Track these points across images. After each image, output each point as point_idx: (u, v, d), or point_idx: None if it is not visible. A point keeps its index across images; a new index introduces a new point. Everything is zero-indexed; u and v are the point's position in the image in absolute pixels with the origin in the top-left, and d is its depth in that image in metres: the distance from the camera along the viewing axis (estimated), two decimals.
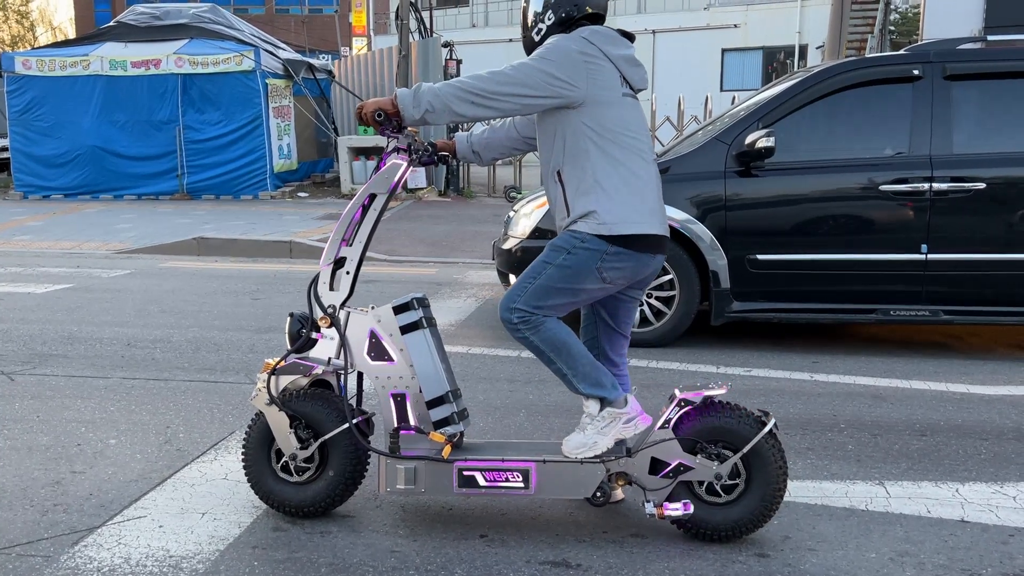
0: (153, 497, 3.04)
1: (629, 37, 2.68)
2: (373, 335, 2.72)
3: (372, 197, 2.72)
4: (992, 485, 3.16)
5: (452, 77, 14.29)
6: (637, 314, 5.13)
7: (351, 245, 2.74)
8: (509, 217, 5.73)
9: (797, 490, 3.09)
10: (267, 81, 13.57)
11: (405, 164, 2.71)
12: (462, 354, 5.00)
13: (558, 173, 2.63)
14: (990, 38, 5.21)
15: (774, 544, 2.69)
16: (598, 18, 2.68)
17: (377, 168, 2.73)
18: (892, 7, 19.78)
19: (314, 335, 2.76)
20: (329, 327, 2.74)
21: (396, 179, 2.71)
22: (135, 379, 4.50)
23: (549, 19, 2.66)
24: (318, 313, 2.75)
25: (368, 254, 2.86)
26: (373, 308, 2.75)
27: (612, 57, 2.59)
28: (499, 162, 16.14)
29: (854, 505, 2.98)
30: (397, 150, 2.70)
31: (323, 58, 20.62)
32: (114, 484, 3.15)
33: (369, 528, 2.80)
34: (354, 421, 2.71)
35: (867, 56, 5.45)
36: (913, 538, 2.74)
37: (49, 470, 3.28)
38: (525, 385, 4.37)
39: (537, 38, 2.70)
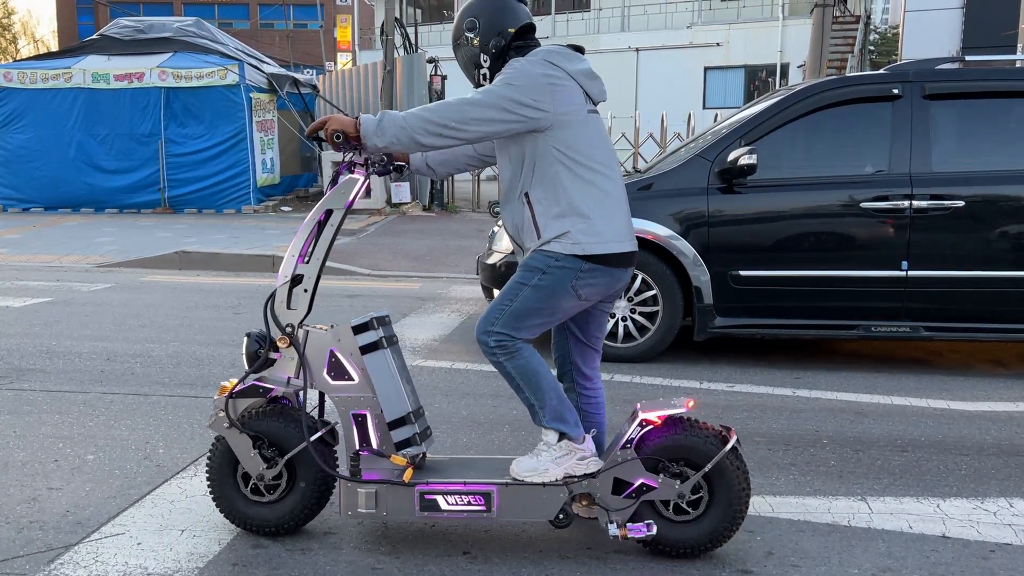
0: (132, 514, 3.00)
1: (580, 51, 2.70)
2: (333, 354, 2.68)
3: (329, 213, 2.68)
4: (973, 501, 3.18)
5: (437, 93, 14.34)
6: (620, 327, 5.14)
7: (308, 262, 2.69)
8: (493, 232, 5.73)
9: (780, 506, 3.09)
10: (251, 95, 13.56)
11: (361, 179, 2.69)
12: (446, 369, 4.99)
13: (526, 195, 2.63)
14: (968, 58, 5.29)
15: (757, 560, 2.69)
16: (526, 31, 2.69)
17: (333, 183, 2.70)
18: (872, 27, 20.06)
19: (272, 355, 2.72)
20: (288, 347, 2.70)
21: (353, 194, 2.68)
22: (114, 394, 4.45)
23: (486, 61, 2.68)
24: (276, 333, 2.70)
25: (351, 268, 2.85)
26: (332, 327, 2.72)
27: (573, 74, 2.61)
28: (484, 178, 16.17)
29: (836, 521, 2.99)
30: (353, 164, 2.69)
31: (308, 73, 20.63)
32: (92, 501, 3.11)
33: (350, 545, 2.77)
34: (312, 439, 2.68)
35: (847, 75, 5.51)
36: (895, 554, 2.75)
37: (25, 486, 3.23)
38: (509, 400, 4.36)
39: (485, 83, 2.71)
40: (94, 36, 15.46)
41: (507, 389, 4.52)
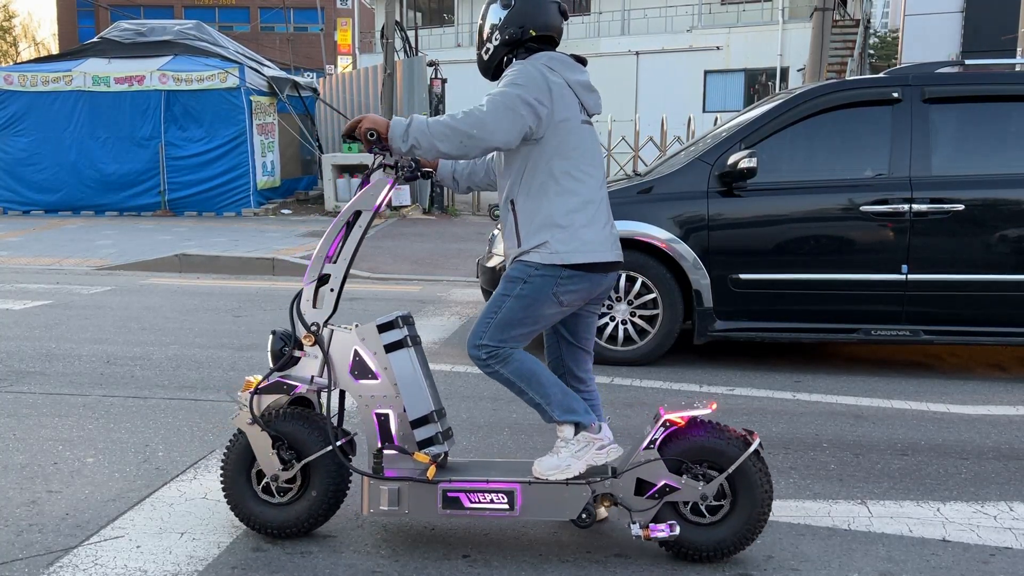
0: (131, 517, 3.00)
1: (582, 62, 2.71)
2: (357, 353, 2.70)
3: (357, 214, 2.71)
4: (973, 504, 3.18)
5: (437, 96, 14.34)
6: (620, 330, 5.14)
7: (335, 262, 2.72)
8: (493, 235, 5.73)
9: (780, 509, 3.09)
10: (251, 98, 13.57)
11: (391, 181, 2.71)
12: (446, 372, 4.99)
13: (511, 202, 2.66)
14: (968, 62, 5.29)
15: (757, 564, 2.69)
16: (545, 40, 2.68)
17: (362, 185, 2.72)
18: (872, 31, 20.09)
19: (297, 353, 2.74)
20: (312, 345, 2.72)
21: (382, 196, 2.70)
22: (114, 397, 4.45)
23: (496, 39, 2.68)
24: (301, 331, 2.73)
25: (351, 271, 2.85)
26: (357, 326, 2.73)
27: (571, 83, 2.62)
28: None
29: (836, 524, 2.99)
30: (383, 167, 2.71)
31: (308, 76, 20.63)
32: (91, 503, 3.10)
33: (350, 548, 2.77)
34: (338, 443, 2.69)
35: (847, 79, 5.52)
36: (895, 557, 2.75)
37: (24, 489, 3.23)
38: (509, 404, 4.36)
39: (486, 57, 2.72)
40: (95, 39, 15.47)
41: (507, 393, 4.52)
